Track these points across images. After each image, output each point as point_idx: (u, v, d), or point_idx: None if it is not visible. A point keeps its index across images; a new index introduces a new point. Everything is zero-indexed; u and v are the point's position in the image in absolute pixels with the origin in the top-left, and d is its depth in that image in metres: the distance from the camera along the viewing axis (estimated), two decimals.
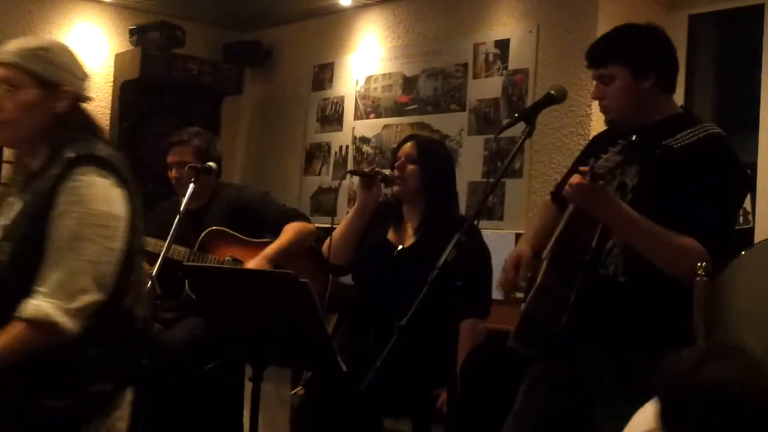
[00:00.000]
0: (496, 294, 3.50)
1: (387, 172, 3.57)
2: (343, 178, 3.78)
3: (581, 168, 2.29)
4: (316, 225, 4.13)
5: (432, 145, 3.66)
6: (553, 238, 2.50)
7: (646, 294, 2.42)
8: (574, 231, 2.45)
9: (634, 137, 2.23)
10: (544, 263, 2.47)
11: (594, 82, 2.61)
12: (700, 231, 2.35)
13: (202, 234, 3.97)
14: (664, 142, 2.39)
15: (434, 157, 3.53)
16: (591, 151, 2.71)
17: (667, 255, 2.35)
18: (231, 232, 4.01)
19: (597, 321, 2.46)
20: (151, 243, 3.82)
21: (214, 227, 3.99)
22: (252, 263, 3.90)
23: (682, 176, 2.39)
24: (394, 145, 3.90)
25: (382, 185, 3.54)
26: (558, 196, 2.64)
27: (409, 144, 3.54)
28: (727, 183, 2.43)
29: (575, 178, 2.29)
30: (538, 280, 2.45)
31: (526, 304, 2.50)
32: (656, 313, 2.42)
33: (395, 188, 3.51)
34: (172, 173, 4.08)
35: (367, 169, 3.59)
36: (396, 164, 3.51)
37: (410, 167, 3.47)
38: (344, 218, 3.60)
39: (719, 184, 2.40)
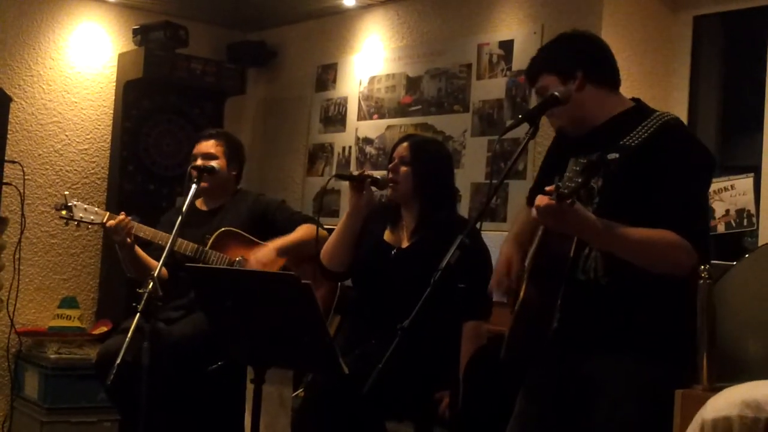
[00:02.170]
0: (498, 296, 3.50)
1: (378, 174, 3.56)
2: (329, 180, 3.81)
3: (546, 188, 2.27)
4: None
5: (427, 145, 3.62)
6: (530, 253, 2.50)
7: (630, 293, 2.42)
8: (551, 243, 2.44)
9: (594, 156, 2.22)
10: (525, 277, 2.48)
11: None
12: (673, 222, 2.34)
13: (215, 234, 4.02)
14: (621, 142, 2.39)
15: (428, 159, 3.49)
16: (556, 152, 2.70)
17: (648, 255, 2.34)
18: (243, 233, 4.06)
19: (585, 326, 2.46)
20: (164, 239, 3.86)
21: (226, 228, 4.06)
22: (261, 253, 3.97)
23: (644, 172, 2.38)
24: None
25: (374, 188, 3.52)
26: (531, 200, 2.62)
27: (403, 145, 3.51)
28: (689, 167, 2.43)
29: (542, 200, 2.26)
30: (521, 294, 2.46)
31: (513, 317, 2.51)
32: (643, 312, 2.42)
33: (389, 191, 3.49)
34: (197, 162, 4.11)
35: (356, 173, 3.57)
36: (390, 166, 3.49)
37: (403, 169, 3.45)
38: (338, 223, 3.60)
39: (682, 170, 2.40)
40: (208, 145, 4.17)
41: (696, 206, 2.44)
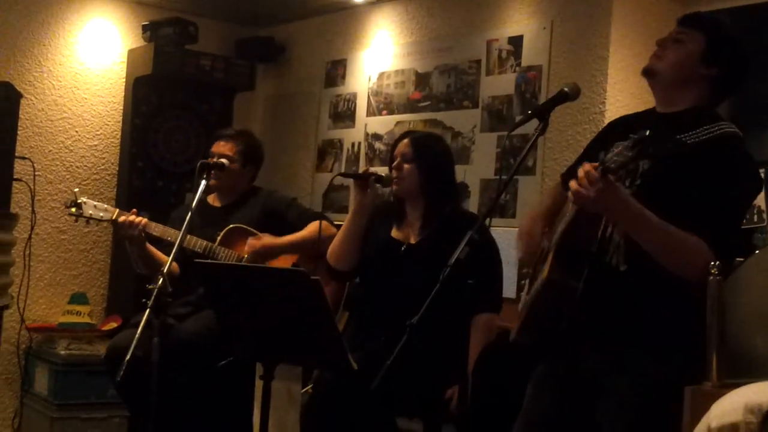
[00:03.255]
0: (507, 291, 3.49)
1: (382, 172, 3.56)
2: (333, 178, 3.82)
3: (589, 164, 2.25)
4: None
5: (428, 141, 3.62)
6: (558, 232, 2.46)
7: (646, 285, 2.39)
8: (580, 223, 2.40)
9: (647, 132, 2.19)
10: (550, 257, 2.44)
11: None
12: (708, 232, 2.32)
13: (224, 230, 4.03)
14: (677, 137, 2.37)
15: (431, 154, 3.50)
16: (606, 137, 2.67)
17: (673, 255, 2.33)
18: (251, 229, 4.07)
19: (601, 315, 2.44)
20: (174, 236, 3.87)
21: (235, 225, 4.06)
22: (262, 241, 3.98)
23: (692, 172, 2.36)
24: None
25: (378, 185, 3.52)
26: (567, 179, 2.60)
27: (404, 142, 3.52)
28: (737, 185, 2.41)
29: (584, 169, 2.24)
30: (545, 274, 2.41)
31: (531, 297, 2.47)
32: (656, 307, 2.40)
33: (394, 188, 3.50)
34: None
35: (360, 171, 3.58)
36: (393, 164, 3.50)
37: (407, 166, 3.46)
38: (343, 223, 3.60)
39: (730, 185, 2.38)
40: (222, 148, 4.17)
41: (733, 222, 2.43)
